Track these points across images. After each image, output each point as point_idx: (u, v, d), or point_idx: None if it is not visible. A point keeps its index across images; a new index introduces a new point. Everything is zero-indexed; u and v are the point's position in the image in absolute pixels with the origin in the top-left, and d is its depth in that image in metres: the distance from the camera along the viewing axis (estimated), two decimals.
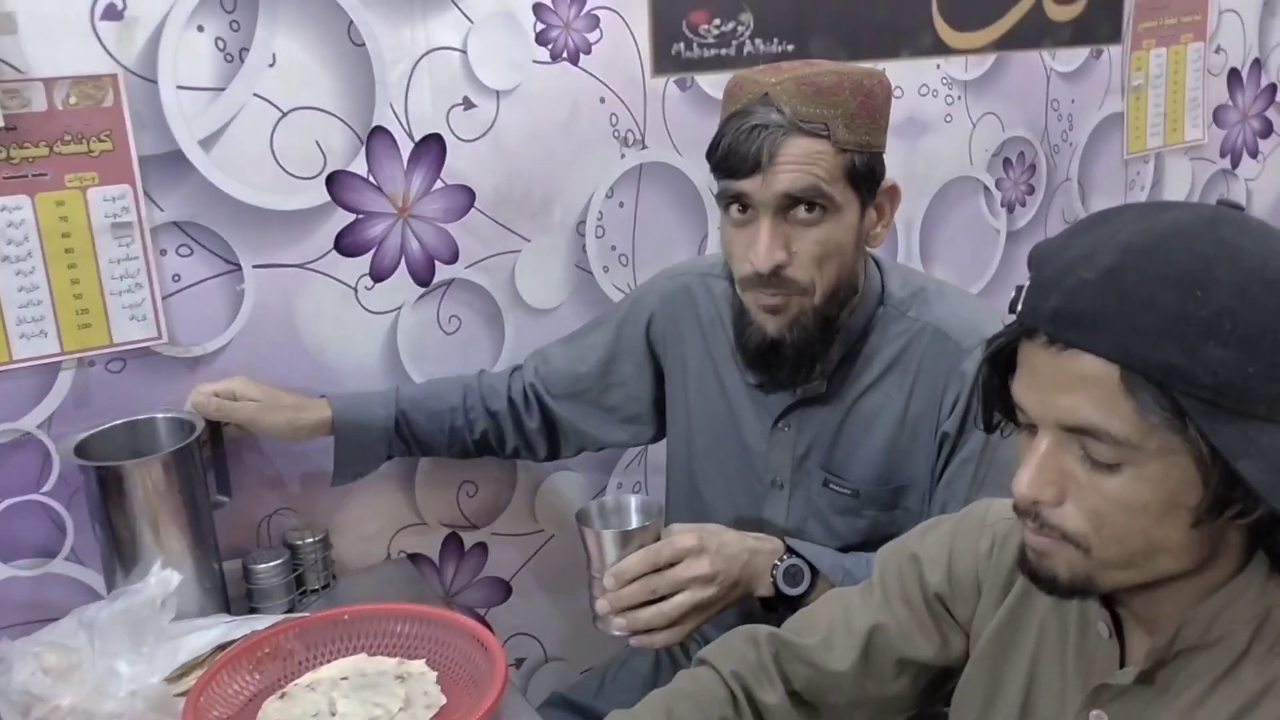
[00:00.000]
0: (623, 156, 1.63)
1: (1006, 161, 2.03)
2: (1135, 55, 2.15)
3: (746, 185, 1.11)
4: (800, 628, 0.99)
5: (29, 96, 1.22)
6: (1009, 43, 1.97)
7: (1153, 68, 2.19)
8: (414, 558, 1.60)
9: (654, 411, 1.45)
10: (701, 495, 1.38)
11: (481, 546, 1.66)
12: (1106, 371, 0.65)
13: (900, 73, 1.86)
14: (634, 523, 1.20)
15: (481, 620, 1.65)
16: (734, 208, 1.14)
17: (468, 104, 1.50)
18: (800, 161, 1.09)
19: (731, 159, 1.11)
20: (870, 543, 1.25)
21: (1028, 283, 0.71)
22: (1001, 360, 0.74)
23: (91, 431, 1.30)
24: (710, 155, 1.14)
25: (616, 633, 1.15)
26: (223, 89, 1.34)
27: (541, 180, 1.58)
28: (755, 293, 1.16)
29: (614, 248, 1.66)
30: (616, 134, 1.62)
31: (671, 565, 1.13)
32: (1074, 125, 2.10)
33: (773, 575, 1.15)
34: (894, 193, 1.19)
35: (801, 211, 1.11)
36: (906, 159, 1.91)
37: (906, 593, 0.95)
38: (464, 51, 1.48)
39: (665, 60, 1.63)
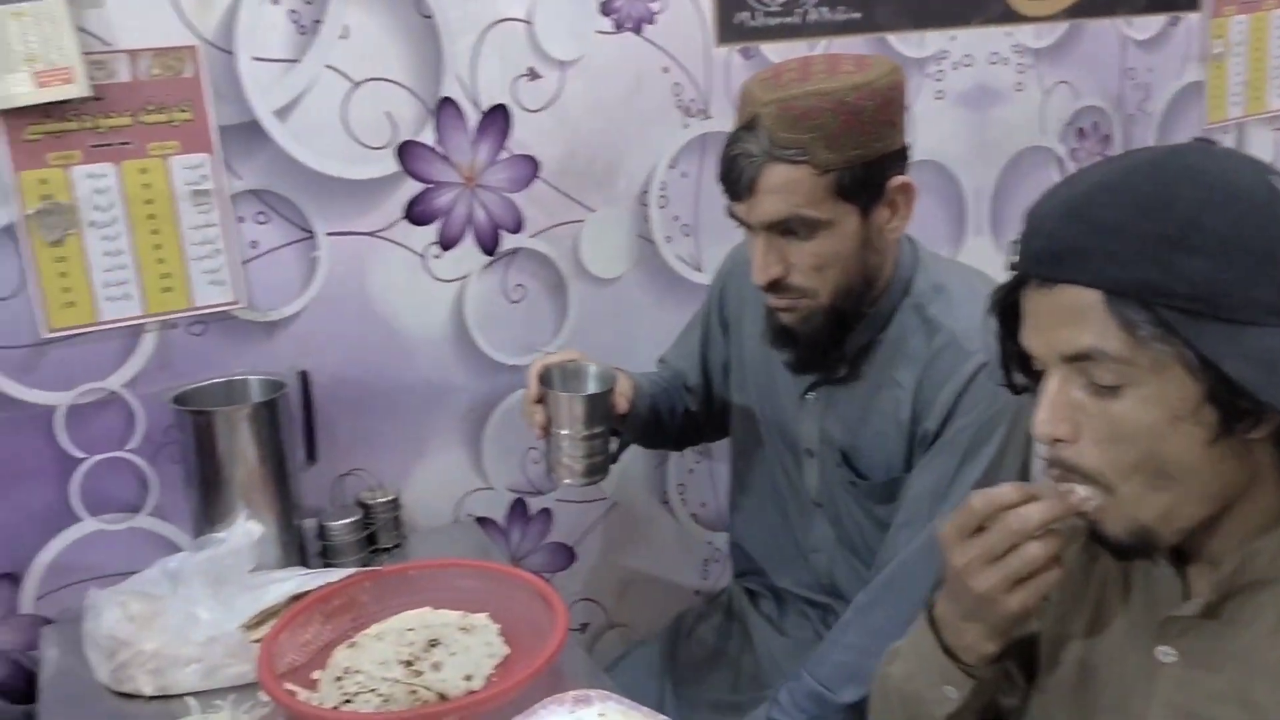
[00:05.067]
0: (686, 126, 1.64)
1: (1080, 131, 1.99)
2: (1215, 22, 2.08)
3: (738, 209, 1.17)
4: None
5: (114, 68, 1.28)
6: (1083, 10, 1.93)
7: (1234, 35, 2.12)
8: (481, 521, 1.63)
9: None
10: (756, 455, 1.41)
11: (546, 512, 1.69)
12: (1092, 298, 0.70)
13: (970, 41, 1.84)
14: (591, 387, 1.27)
15: (548, 583, 1.68)
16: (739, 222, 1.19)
17: (533, 75, 1.52)
18: (778, 190, 1.11)
19: (725, 183, 1.16)
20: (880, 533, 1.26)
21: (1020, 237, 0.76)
22: (1009, 316, 0.78)
23: (189, 386, 1.36)
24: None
25: (568, 481, 1.26)
26: (297, 60, 1.38)
27: (605, 150, 1.59)
28: (766, 296, 1.20)
29: (677, 218, 1.67)
30: (680, 104, 1.63)
31: None
32: (1151, 94, 2.05)
33: None
34: (907, 189, 1.17)
35: (793, 228, 1.14)
36: (978, 128, 1.89)
37: None
38: (529, 22, 1.50)
39: (729, 29, 1.64)
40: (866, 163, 1.12)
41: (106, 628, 1.19)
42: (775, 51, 1.66)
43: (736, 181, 1.13)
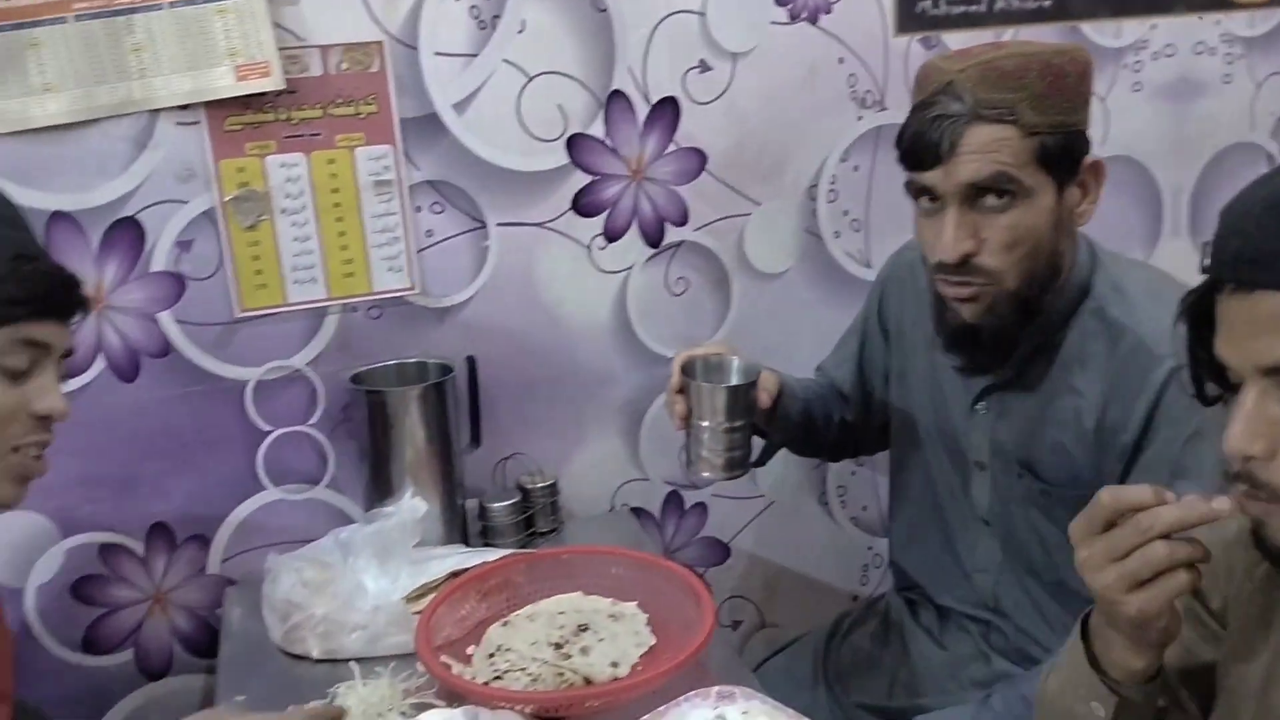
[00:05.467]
0: (860, 118, 1.60)
1: None
2: None
3: (931, 177, 1.09)
4: None
5: (307, 62, 1.35)
6: None
7: None
8: (636, 511, 1.64)
9: None
10: (918, 470, 1.36)
11: (701, 506, 1.68)
12: None
13: (1172, 29, 1.72)
14: (734, 380, 1.24)
15: (699, 577, 1.68)
16: (923, 198, 1.12)
17: (704, 67, 1.51)
18: (983, 150, 1.06)
19: (915, 151, 1.09)
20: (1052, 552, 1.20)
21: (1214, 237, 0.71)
22: (1202, 324, 0.73)
23: (365, 367, 1.44)
24: (897, 145, 1.12)
25: (706, 475, 1.23)
26: (475, 55, 1.43)
27: (774, 143, 1.57)
28: (947, 282, 1.13)
29: (846, 212, 1.64)
30: (854, 95, 1.59)
31: None
32: None
33: None
34: (1098, 169, 1.12)
35: (990, 199, 1.07)
36: (1178, 122, 1.77)
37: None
38: (702, 14, 1.50)
39: (909, 18, 1.59)
40: (1067, 131, 1.08)
41: (283, 591, 1.26)
42: (957, 41, 1.60)
43: (935, 144, 1.07)
